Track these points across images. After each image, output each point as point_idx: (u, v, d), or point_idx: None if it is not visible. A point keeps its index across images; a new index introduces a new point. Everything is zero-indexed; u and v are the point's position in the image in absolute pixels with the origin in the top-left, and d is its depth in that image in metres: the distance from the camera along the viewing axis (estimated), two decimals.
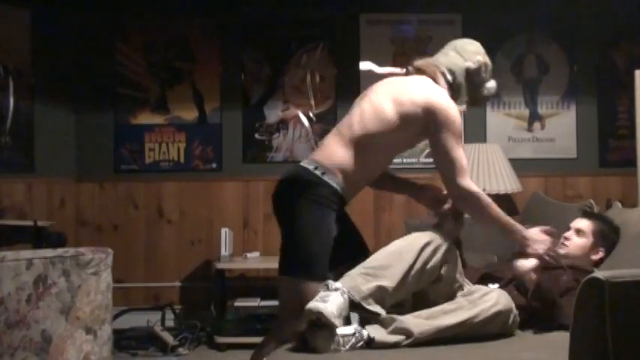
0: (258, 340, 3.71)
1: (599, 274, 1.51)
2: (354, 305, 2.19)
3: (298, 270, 2.46)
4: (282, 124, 4.82)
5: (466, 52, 2.67)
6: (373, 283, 2.22)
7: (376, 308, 2.21)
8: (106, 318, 2.63)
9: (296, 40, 4.84)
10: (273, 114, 4.82)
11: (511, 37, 4.87)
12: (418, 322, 2.21)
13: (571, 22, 4.88)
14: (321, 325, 2.09)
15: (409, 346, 2.17)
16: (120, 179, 4.79)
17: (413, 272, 2.28)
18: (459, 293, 2.42)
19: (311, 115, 4.82)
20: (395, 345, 2.16)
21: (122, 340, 4.19)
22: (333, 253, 2.43)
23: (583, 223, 2.82)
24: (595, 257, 2.77)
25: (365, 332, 2.16)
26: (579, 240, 2.79)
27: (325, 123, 4.81)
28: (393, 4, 4.87)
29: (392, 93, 2.58)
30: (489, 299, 2.29)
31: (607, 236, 2.78)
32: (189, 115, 4.82)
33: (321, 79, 4.84)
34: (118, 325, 4.06)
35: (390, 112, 2.52)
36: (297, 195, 2.48)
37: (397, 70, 4.84)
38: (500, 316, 2.29)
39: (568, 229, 2.86)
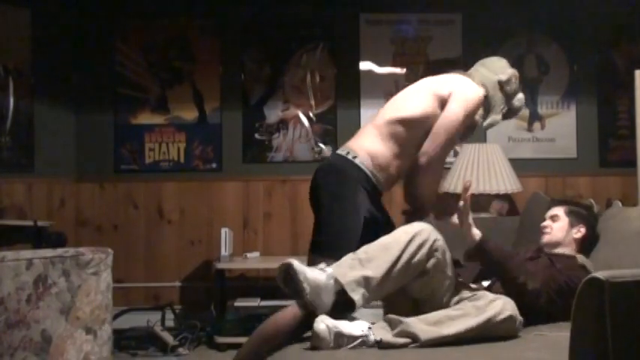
0: None
1: (600, 274, 1.51)
2: (338, 292, 2.21)
3: (323, 248, 2.53)
4: (282, 124, 4.82)
5: (495, 67, 2.82)
6: (359, 272, 2.25)
7: (357, 295, 2.22)
8: (106, 318, 2.62)
9: (296, 40, 4.84)
10: (273, 114, 4.82)
11: (511, 37, 4.87)
12: (425, 328, 2.21)
13: (571, 22, 4.88)
14: (290, 280, 2.16)
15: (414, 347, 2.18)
16: (120, 179, 4.79)
17: (398, 266, 2.29)
18: (459, 296, 2.41)
19: (311, 115, 4.82)
20: (401, 347, 2.17)
21: (122, 340, 4.18)
22: (364, 241, 2.46)
23: (555, 210, 2.95)
24: (578, 235, 2.88)
25: (372, 337, 2.17)
26: (557, 224, 2.90)
27: (325, 123, 4.82)
28: (393, 4, 4.87)
29: (424, 83, 2.76)
30: (496, 306, 2.29)
31: (581, 213, 2.92)
32: (189, 115, 4.82)
33: (321, 79, 4.84)
34: (118, 325, 4.05)
35: (422, 95, 2.67)
36: (332, 179, 2.60)
37: (397, 70, 4.85)
38: (507, 322, 2.29)
39: (543, 220, 2.95)
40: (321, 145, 4.81)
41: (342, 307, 2.24)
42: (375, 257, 2.30)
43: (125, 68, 4.81)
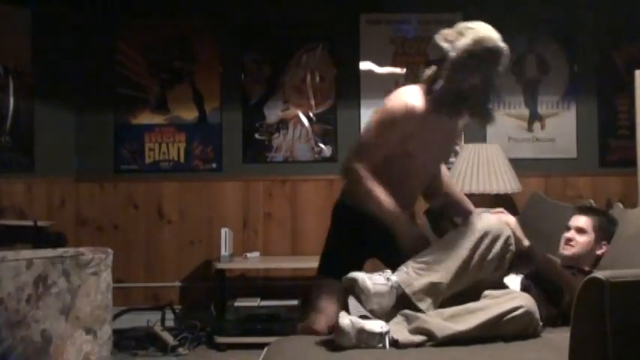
0: (258, 340, 3.72)
1: (599, 274, 1.51)
2: (403, 296, 2.22)
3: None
4: (282, 124, 4.82)
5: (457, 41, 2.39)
6: (426, 279, 2.24)
7: (424, 305, 2.23)
8: (106, 318, 2.63)
9: (296, 40, 4.83)
10: (273, 114, 4.82)
11: (511, 37, 4.85)
12: (441, 324, 2.21)
13: (571, 22, 4.88)
14: (354, 292, 2.21)
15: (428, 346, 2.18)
16: (120, 179, 4.79)
17: (470, 266, 2.28)
18: (486, 292, 2.40)
19: (311, 115, 4.82)
20: (419, 345, 2.18)
21: (122, 340, 4.18)
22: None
23: (582, 221, 2.84)
24: (600, 252, 2.81)
25: (390, 335, 2.17)
26: (582, 238, 2.81)
27: (325, 123, 4.82)
28: (393, 4, 4.87)
29: None
30: (512, 302, 2.28)
31: (607, 229, 2.82)
32: (189, 115, 4.82)
33: (321, 79, 4.84)
34: (118, 325, 4.06)
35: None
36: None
37: (397, 70, 4.85)
38: (522, 319, 2.27)
39: (567, 228, 2.86)
40: (321, 145, 4.81)
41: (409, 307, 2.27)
42: (443, 259, 2.28)
43: (125, 68, 4.81)
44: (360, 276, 2.20)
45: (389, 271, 2.28)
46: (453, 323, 2.21)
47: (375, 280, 2.21)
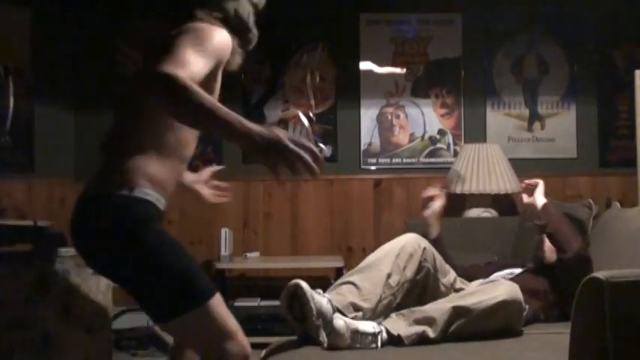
0: (258, 340, 3.72)
1: (600, 274, 1.51)
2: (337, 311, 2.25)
3: None
4: (282, 124, 4.82)
5: None
6: (354, 299, 2.31)
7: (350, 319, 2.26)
8: (106, 318, 2.63)
9: (296, 40, 4.83)
10: (273, 114, 4.82)
11: (511, 37, 4.87)
12: (434, 306, 2.28)
13: (571, 22, 4.88)
14: (296, 304, 2.18)
15: (434, 340, 2.20)
16: None
17: (391, 284, 2.36)
18: (474, 283, 2.53)
19: (311, 115, 4.82)
20: (422, 336, 2.20)
21: (122, 340, 4.18)
22: None
23: None
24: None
25: (384, 334, 2.19)
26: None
27: (325, 123, 4.82)
28: (393, 4, 4.87)
29: None
30: (501, 287, 2.36)
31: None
32: None
33: (321, 79, 4.84)
34: (118, 325, 4.05)
35: None
36: None
37: (397, 70, 4.85)
38: (512, 304, 2.33)
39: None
40: (321, 145, 4.81)
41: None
42: (368, 277, 2.36)
43: (125, 68, 4.80)
44: (301, 281, 2.20)
45: (319, 290, 2.28)
46: (447, 303, 2.29)
47: (315, 293, 2.23)
